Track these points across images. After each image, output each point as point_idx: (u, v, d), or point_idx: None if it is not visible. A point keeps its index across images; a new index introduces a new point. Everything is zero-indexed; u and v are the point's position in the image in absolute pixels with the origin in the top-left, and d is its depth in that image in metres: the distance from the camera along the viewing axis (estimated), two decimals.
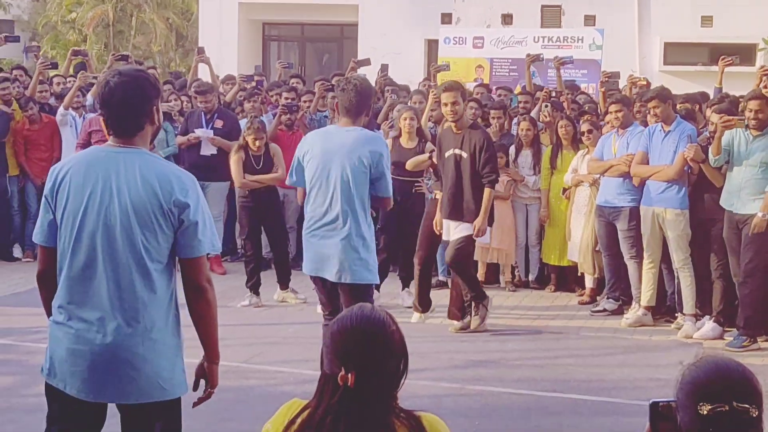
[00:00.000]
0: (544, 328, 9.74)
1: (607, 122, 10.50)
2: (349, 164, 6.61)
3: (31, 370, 7.65)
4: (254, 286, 10.52)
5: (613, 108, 10.21)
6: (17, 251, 12.90)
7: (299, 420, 2.89)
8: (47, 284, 4.18)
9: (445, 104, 8.97)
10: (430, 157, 10.02)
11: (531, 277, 11.70)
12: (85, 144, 11.84)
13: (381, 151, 6.68)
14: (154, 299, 4.02)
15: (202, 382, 4.25)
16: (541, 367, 8.27)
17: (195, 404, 4.26)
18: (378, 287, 9.80)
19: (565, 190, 11.06)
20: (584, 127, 10.77)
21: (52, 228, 4.12)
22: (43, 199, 4.18)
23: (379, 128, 11.49)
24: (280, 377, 7.73)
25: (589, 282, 10.94)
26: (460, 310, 9.47)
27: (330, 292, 6.88)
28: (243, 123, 12.35)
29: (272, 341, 8.64)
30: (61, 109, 12.57)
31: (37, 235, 4.19)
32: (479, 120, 11.92)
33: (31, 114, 12.64)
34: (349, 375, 2.80)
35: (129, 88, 4.06)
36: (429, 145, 10.53)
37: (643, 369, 8.18)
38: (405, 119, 10.63)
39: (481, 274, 10.94)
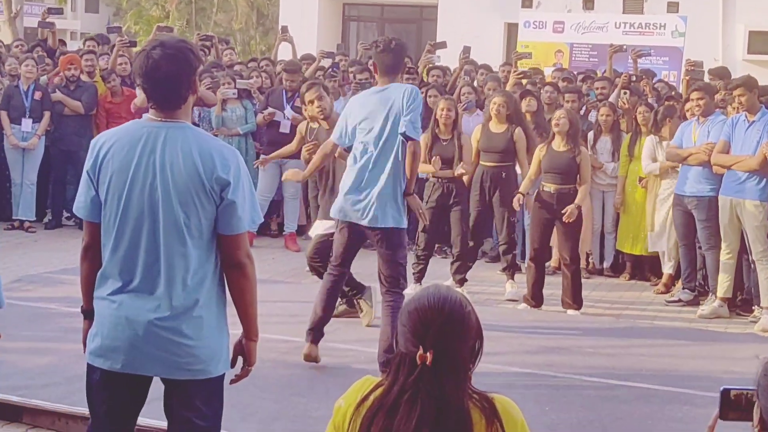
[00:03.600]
0: (618, 317, 9.67)
1: (688, 110, 10.34)
2: (389, 121, 6.92)
3: None
4: None
5: (694, 95, 10.04)
6: None
7: (372, 397, 2.89)
8: (93, 259, 4.09)
9: (311, 102, 8.36)
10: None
11: (606, 265, 11.60)
12: None
13: (414, 96, 6.96)
14: (196, 277, 3.95)
15: (240, 359, 4.16)
16: (613, 356, 8.20)
17: (232, 381, 4.19)
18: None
19: (641, 179, 10.92)
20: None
21: (96, 203, 4.02)
22: (84, 174, 4.05)
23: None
24: (352, 355, 7.77)
25: (667, 268, 10.80)
26: (571, 298, 9.51)
27: (352, 241, 7.21)
28: None
29: (344, 319, 8.66)
30: None
31: (80, 210, 4.09)
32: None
33: (113, 86, 12.87)
34: (428, 353, 2.80)
35: (174, 61, 3.91)
36: (518, 131, 10.28)
37: (717, 361, 8.07)
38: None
39: (554, 260, 10.86)
